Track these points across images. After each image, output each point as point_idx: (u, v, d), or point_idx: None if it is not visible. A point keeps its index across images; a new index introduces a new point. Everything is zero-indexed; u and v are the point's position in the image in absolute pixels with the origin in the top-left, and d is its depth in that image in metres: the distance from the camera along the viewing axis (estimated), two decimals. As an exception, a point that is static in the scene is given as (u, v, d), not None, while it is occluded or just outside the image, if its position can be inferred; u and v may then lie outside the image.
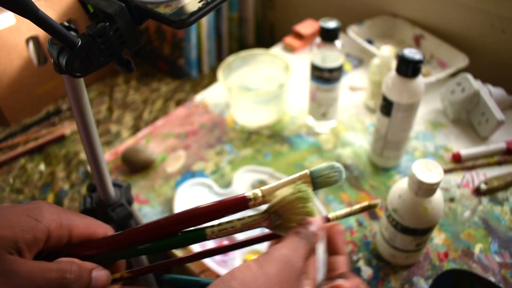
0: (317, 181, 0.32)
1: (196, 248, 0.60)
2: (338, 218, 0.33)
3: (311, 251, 0.31)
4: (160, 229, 0.32)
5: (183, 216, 0.32)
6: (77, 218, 0.31)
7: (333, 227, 0.35)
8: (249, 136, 0.78)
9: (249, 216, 0.32)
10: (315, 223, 0.31)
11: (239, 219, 0.32)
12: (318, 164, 0.33)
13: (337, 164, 0.32)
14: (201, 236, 0.32)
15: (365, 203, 0.33)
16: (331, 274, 0.33)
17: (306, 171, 0.32)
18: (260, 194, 0.32)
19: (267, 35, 1.28)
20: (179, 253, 0.60)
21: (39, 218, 0.28)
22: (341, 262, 0.33)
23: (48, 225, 0.29)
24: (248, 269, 0.27)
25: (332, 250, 0.34)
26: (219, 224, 0.32)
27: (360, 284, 0.32)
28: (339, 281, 0.31)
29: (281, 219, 0.31)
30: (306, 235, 0.30)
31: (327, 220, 0.33)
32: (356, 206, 0.33)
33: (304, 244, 0.30)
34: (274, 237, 0.33)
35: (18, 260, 0.27)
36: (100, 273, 0.30)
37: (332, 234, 0.34)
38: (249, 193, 0.32)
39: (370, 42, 0.92)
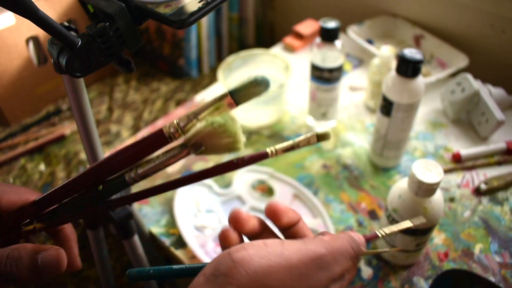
0: (237, 98, 0.31)
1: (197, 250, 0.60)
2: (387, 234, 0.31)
3: (350, 271, 0.28)
4: (81, 182, 0.31)
5: (101, 164, 0.31)
6: (7, 187, 0.32)
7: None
8: (249, 136, 0.78)
9: (167, 151, 0.30)
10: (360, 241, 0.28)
11: (157, 156, 0.30)
12: (317, 164, 0.32)
13: (261, 74, 0.31)
14: (122, 182, 0.31)
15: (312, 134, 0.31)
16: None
17: (226, 91, 0.31)
18: (177, 122, 0.29)
19: (267, 35, 1.28)
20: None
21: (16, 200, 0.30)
22: (304, 227, 0.31)
23: None
24: (264, 242, 0.26)
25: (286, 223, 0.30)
26: (137, 166, 0.30)
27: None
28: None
29: (204, 147, 0.29)
30: (357, 248, 0.28)
31: (376, 237, 0.30)
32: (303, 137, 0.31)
33: (352, 255, 0.27)
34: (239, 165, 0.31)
35: None
36: (47, 253, 0.29)
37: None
38: (165, 125, 0.30)
39: (370, 42, 0.92)
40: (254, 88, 0.31)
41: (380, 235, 0.30)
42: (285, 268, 0.25)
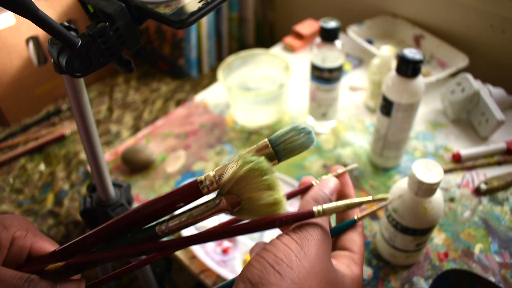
0: (278, 149, 0.27)
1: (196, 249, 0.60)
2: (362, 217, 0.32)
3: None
4: (106, 234, 0.30)
5: (130, 216, 0.29)
6: (41, 234, 0.32)
7: (341, 179, 0.34)
8: (249, 136, 0.78)
9: (202, 204, 0.28)
10: (330, 188, 0.31)
11: (190, 209, 0.28)
12: (317, 164, 0.32)
13: (302, 125, 0.27)
14: (152, 235, 0.29)
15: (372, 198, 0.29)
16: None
17: (265, 139, 0.28)
18: (213, 174, 0.27)
19: (267, 35, 1.28)
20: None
21: (6, 225, 0.30)
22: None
23: (13, 232, 0.30)
24: (289, 250, 0.26)
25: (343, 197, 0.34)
26: (170, 218, 0.29)
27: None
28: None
29: (241, 200, 0.26)
30: (324, 201, 0.30)
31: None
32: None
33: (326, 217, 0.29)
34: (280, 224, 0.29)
35: None
36: (67, 284, 0.30)
37: (342, 186, 0.34)
38: (201, 176, 0.27)
39: (370, 42, 0.92)
40: (297, 137, 0.27)
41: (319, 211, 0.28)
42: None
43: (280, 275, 0.25)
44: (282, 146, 0.27)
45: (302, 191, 0.33)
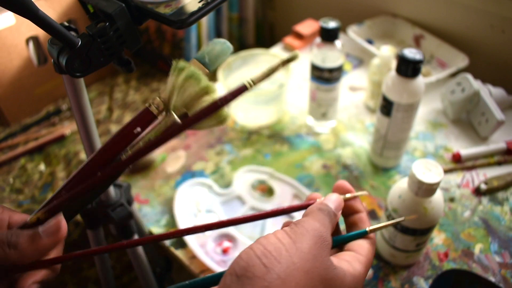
0: (205, 62, 0.31)
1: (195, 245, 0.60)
2: None
3: (333, 229, 0.30)
4: (81, 181, 0.31)
5: (96, 158, 0.31)
6: (15, 210, 0.33)
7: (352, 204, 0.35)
8: (249, 136, 0.78)
9: (154, 128, 0.32)
10: (334, 201, 0.31)
11: (148, 132, 0.31)
12: (317, 164, 0.33)
13: (217, 39, 0.33)
14: (117, 163, 0.31)
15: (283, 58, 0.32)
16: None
17: (192, 58, 0.32)
18: (159, 99, 0.31)
19: (267, 35, 1.28)
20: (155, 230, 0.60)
21: None
22: (362, 219, 0.33)
23: None
24: (280, 243, 0.26)
25: (349, 211, 0.34)
26: (131, 147, 0.31)
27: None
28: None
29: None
30: (329, 212, 0.30)
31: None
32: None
33: (329, 222, 0.29)
34: (299, 209, 0.34)
35: None
36: (48, 223, 0.30)
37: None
38: (148, 103, 0.31)
39: (370, 42, 0.92)
40: (215, 47, 0.32)
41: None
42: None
43: (266, 268, 0.24)
44: (208, 58, 0.32)
45: (307, 205, 0.33)
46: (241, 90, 0.31)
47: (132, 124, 0.31)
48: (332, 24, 0.66)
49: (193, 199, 0.66)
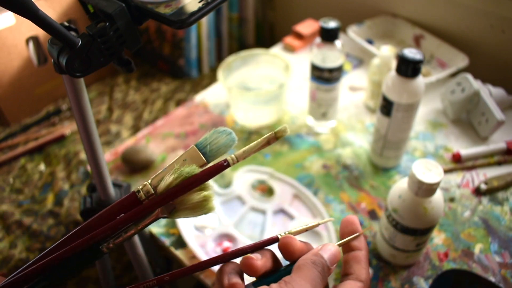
0: (205, 151, 0.30)
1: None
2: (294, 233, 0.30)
3: (325, 283, 0.28)
4: (52, 260, 0.29)
5: (74, 236, 0.29)
6: None
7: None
8: (249, 136, 0.78)
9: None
10: (331, 253, 0.28)
11: (132, 223, 0.29)
12: (317, 164, 0.32)
13: (222, 128, 0.30)
14: (97, 252, 0.29)
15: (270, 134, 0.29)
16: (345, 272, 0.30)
17: (192, 145, 0.30)
18: (149, 185, 0.29)
19: (267, 35, 1.28)
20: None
21: None
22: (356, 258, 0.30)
23: None
24: None
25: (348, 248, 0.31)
26: (114, 235, 0.29)
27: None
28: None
29: (175, 204, 0.28)
30: (323, 268, 0.27)
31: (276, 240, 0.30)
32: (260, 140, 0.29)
33: (322, 279, 0.27)
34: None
35: None
36: None
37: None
38: (138, 187, 0.29)
39: (370, 42, 0.92)
40: (220, 137, 0.30)
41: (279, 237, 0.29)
42: None
43: None
44: (208, 148, 0.30)
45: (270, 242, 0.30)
46: (223, 167, 0.29)
47: (116, 207, 0.29)
48: (332, 24, 0.66)
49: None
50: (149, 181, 0.29)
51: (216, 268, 0.30)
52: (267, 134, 0.29)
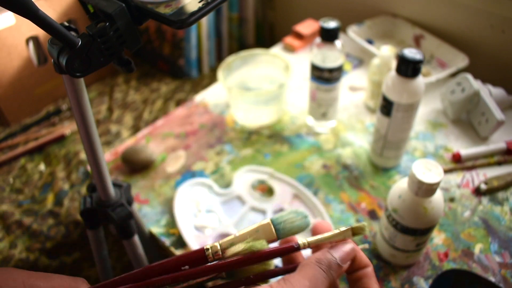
0: (279, 228, 0.31)
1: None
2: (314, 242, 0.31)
3: (333, 285, 0.27)
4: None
5: (137, 277, 0.30)
6: (42, 282, 0.30)
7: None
8: (249, 136, 0.78)
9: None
10: (341, 250, 0.28)
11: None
12: (317, 164, 0.32)
13: (301, 210, 0.32)
14: None
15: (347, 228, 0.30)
16: None
17: (267, 219, 0.31)
18: (219, 247, 0.30)
19: (267, 35, 1.28)
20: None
21: (2, 285, 0.28)
22: (366, 275, 0.30)
23: None
24: None
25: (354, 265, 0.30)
26: (173, 285, 0.30)
27: None
28: None
29: (236, 272, 0.30)
30: (329, 266, 0.27)
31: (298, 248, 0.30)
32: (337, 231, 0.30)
33: (326, 277, 0.26)
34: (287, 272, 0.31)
35: None
36: None
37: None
38: (207, 245, 0.31)
39: (370, 42, 0.92)
40: (296, 218, 0.31)
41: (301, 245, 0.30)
42: None
43: None
44: (282, 226, 0.31)
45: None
46: (293, 249, 0.30)
47: (183, 259, 0.30)
48: (332, 24, 0.66)
49: (193, 199, 0.66)
50: (220, 242, 0.31)
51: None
52: (344, 229, 0.30)
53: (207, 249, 0.30)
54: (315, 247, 0.30)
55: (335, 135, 0.77)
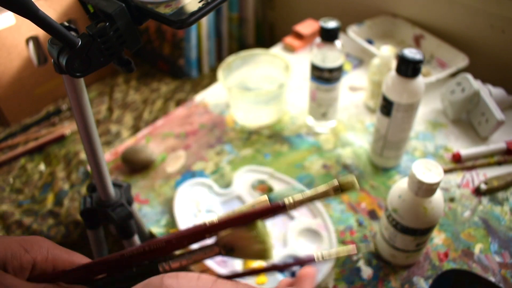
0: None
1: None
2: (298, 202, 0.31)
3: None
4: (116, 263, 0.32)
5: (142, 250, 0.32)
6: (64, 254, 0.32)
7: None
8: (249, 136, 0.78)
9: (200, 249, 0.32)
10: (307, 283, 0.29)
11: (189, 252, 0.32)
12: (317, 164, 0.32)
13: (297, 185, 0.32)
14: (154, 270, 0.31)
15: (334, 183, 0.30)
16: None
17: (264, 195, 0.32)
18: (217, 218, 0.31)
19: (267, 35, 1.28)
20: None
21: (28, 249, 0.30)
22: None
23: (34, 257, 0.30)
24: None
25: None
26: (170, 258, 0.32)
27: None
28: None
29: (234, 247, 0.31)
30: None
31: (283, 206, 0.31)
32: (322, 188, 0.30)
33: None
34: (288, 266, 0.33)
35: (12, 278, 0.29)
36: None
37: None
38: (206, 221, 0.31)
39: (370, 42, 0.92)
40: (292, 193, 0.32)
41: (316, 259, 0.31)
42: None
43: None
44: (279, 199, 0.31)
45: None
46: (279, 207, 0.31)
47: (185, 233, 0.31)
48: (332, 24, 0.66)
49: (193, 199, 0.66)
50: (218, 216, 0.31)
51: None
52: (330, 182, 0.30)
53: (205, 224, 0.31)
54: (300, 204, 0.30)
55: (335, 135, 0.77)
